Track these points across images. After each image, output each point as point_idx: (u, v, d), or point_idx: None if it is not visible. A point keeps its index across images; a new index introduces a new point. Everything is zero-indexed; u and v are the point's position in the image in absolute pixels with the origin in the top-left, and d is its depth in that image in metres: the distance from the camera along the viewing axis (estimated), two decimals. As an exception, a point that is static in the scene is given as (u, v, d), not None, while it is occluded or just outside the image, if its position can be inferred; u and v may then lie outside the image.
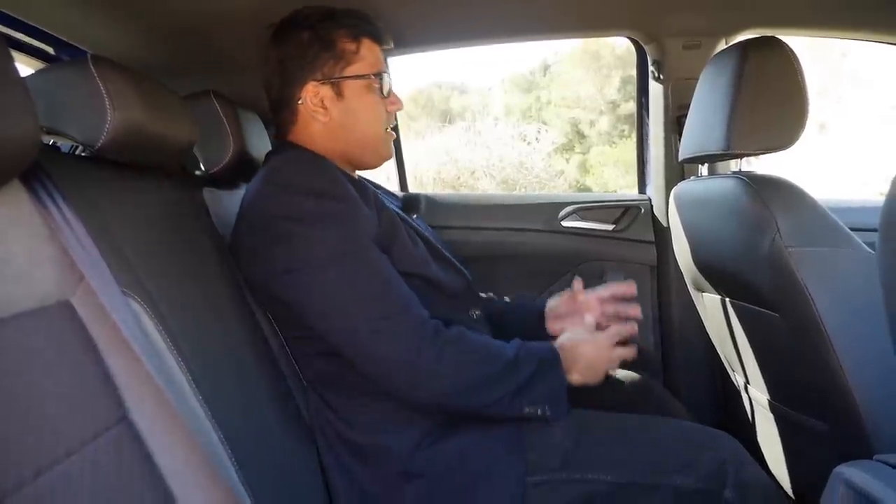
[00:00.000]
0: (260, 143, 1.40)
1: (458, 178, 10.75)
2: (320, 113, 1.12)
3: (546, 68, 16.64)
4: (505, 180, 10.90)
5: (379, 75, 1.13)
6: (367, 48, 1.13)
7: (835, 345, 1.07)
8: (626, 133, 14.18)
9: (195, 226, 1.07)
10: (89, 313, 0.72)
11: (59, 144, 1.09)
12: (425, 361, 0.99)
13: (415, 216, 1.30)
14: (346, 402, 1.08)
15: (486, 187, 10.58)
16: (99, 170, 0.89)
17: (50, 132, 0.86)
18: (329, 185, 1.04)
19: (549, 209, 1.84)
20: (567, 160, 14.07)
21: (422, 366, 0.99)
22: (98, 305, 0.72)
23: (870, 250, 1.11)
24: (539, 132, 12.17)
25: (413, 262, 1.10)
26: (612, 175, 13.12)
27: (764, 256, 1.12)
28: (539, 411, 1.03)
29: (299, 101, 1.12)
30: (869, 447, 1.06)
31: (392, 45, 1.22)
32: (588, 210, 1.83)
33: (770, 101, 1.16)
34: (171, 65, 1.38)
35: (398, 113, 1.26)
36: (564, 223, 1.83)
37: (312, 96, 1.11)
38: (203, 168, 1.28)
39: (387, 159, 1.22)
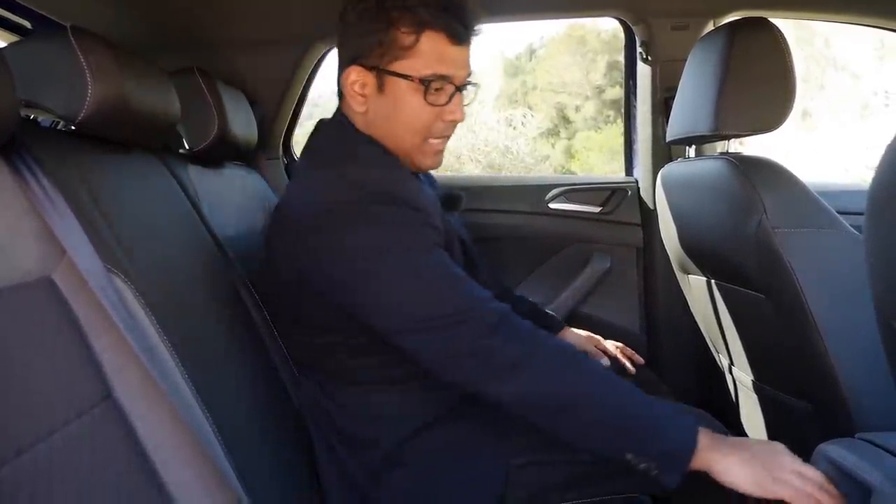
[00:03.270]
0: (245, 122, 1.38)
1: (444, 161, 10.72)
2: (358, 101, 1.01)
3: (532, 53, 16.59)
4: (490, 165, 10.89)
5: (428, 80, 0.97)
6: (430, 43, 0.96)
7: (819, 325, 1.08)
8: (611, 118, 14.21)
9: (179, 205, 1.06)
10: (72, 290, 0.71)
11: (39, 120, 1.07)
12: (503, 356, 0.90)
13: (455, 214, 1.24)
14: (344, 389, 1.05)
15: (472, 172, 10.57)
16: (80, 145, 0.87)
17: (28, 105, 0.84)
18: (397, 190, 0.97)
19: (537, 191, 1.84)
20: (552, 145, 14.08)
21: (498, 360, 0.90)
22: (81, 282, 0.71)
23: (855, 232, 1.12)
24: (525, 117, 12.16)
25: None
26: (597, 160, 13.15)
27: (750, 237, 1.13)
28: (644, 465, 0.87)
29: (343, 79, 1.02)
30: (851, 426, 1.07)
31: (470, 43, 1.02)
32: (575, 192, 1.83)
33: (758, 82, 1.16)
34: (154, 41, 1.36)
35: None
36: (552, 205, 1.83)
37: (353, 80, 1.00)
38: (186, 146, 1.26)
39: (426, 170, 1.09)
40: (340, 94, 1.06)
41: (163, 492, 0.70)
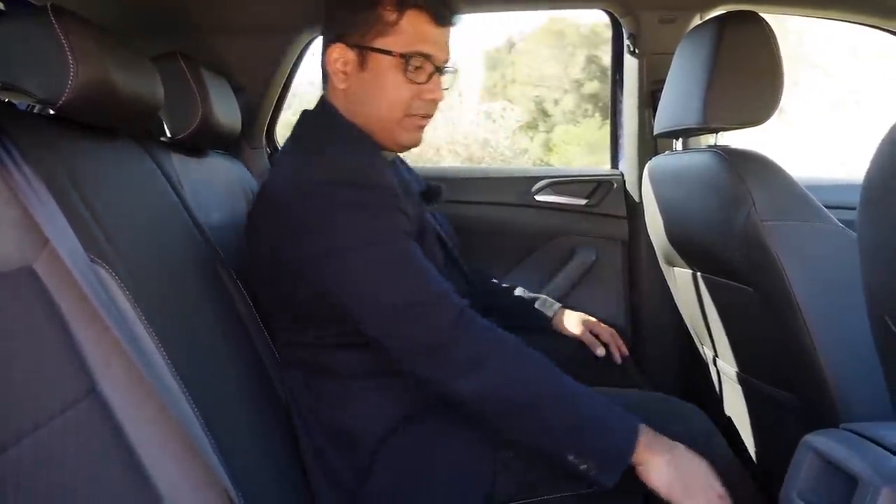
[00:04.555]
0: (229, 110, 1.34)
1: (422, 154, 10.67)
2: (340, 77, 1.05)
3: (511, 46, 16.56)
4: (470, 157, 10.86)
5: (408, 57, 1.01)
6: (413, 22, 1.01)
7: (806, 317, 1.09)
8: (589, 112, 14.26)
9: (163, 194, 1.03)
10: (54, 280, 0.68)
11: (16, 103, 1.03)
12: (462, 352, 0.93)
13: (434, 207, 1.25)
14: (326, 384, 1.05)
15: (451, 164, 10.54)
16: (60, 130, 0.83)
17: (5, 88, 0.80)
18: (372, 177, 0.98)
19: (523, 183, 1.83)
20: (531, 138, 14.09)
21: (458, 355, 0.93)
22: (64, 272, 0.68)
23: (841, 225, 1.13)
24: (504, 110, 12.14)
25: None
26: (576, 154, 13.19)
27: (739, 230, 1.13)
28: (584, 466, 0.90)
29: (326, 57, 1.05)
30: (836, 417, 1.09)
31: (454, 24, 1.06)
32: (561, 184, 1.82)
33: (747, 75, 1.16)
34: (134, 23, 1.32)
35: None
36: (538, 197, 1.82)
37: (336, 58, 1.04)
38: (169, 133, 1.22)
39: (407, 148, 1.11)
40: (324, 78, 1.08)
41: (150, 488, 0.68)
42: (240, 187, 1.41)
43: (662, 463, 0.90)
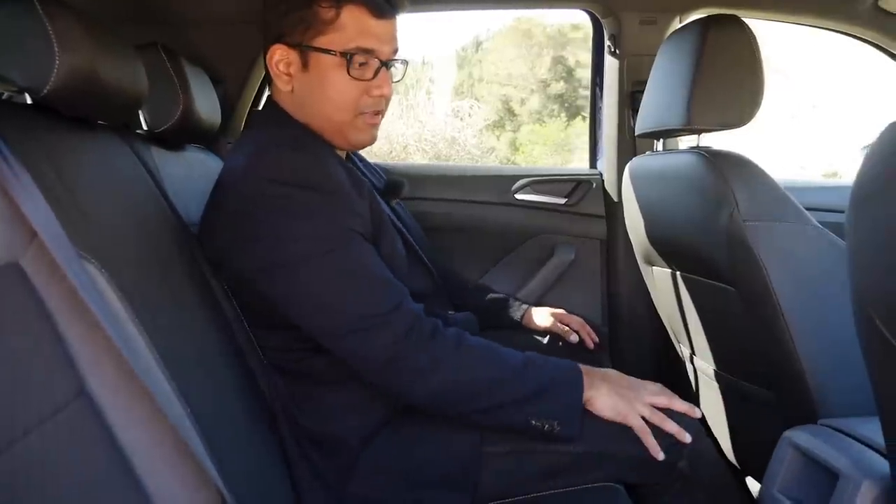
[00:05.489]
0: (208, 102, 1.31)
1: (391, 152, 10.61)
2: (283, 80, 1.03)
3: (478, 45, 16.60)
4: (437, 155, 10.86)
5: (350, 54, 0.98)
6: (351, 17, 0.98)
7: (786, 316, 1.11)
8: (555, 112, 14.39)
9: (146, 188, 1.00)
10: (42, 277, 0.65)
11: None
12: (417, 360, 0.94)
13: (396, 202, 1.25)
14: (302, 388, 1.05)
15: (419, 162, 10.52)
16: (44, 120, 0.80)
17: (-15, 75, 0.77)
18: (321, 177, 0.96)
19: (503, 182, 1.84)
20: (498, 137, 14.15)
21: (413, 364, 0.94)
22: (52, 268, 0.65)
23: (819, 226, 1.15)
24: (472, 108, 12.17)
25: (391, 264, 1.03)
26: (541, 154, 13.31)
27: (722, 230, 1.15)
28: (547, 426, 0.96)
29: (268, 60, 1.03)
30: (813, 413, 1.11)
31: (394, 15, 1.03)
32: (541, 183, 1.83)
33: (729, 78, 1.18)
34: (110, 12, 1.28)
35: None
36: (518, 196, 1.83)
37: (278, 59, 1.02)
38: (148, 127, 1.19)
39: (360, 146, 1.10)
40: (269, 79, 1.06)
41: (143, 490, 0.66)
42: (218, 183, 1.38)
43: (603, 394, 0.98)
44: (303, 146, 1.01)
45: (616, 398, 0.98)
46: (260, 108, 1.16)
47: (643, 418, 0.98)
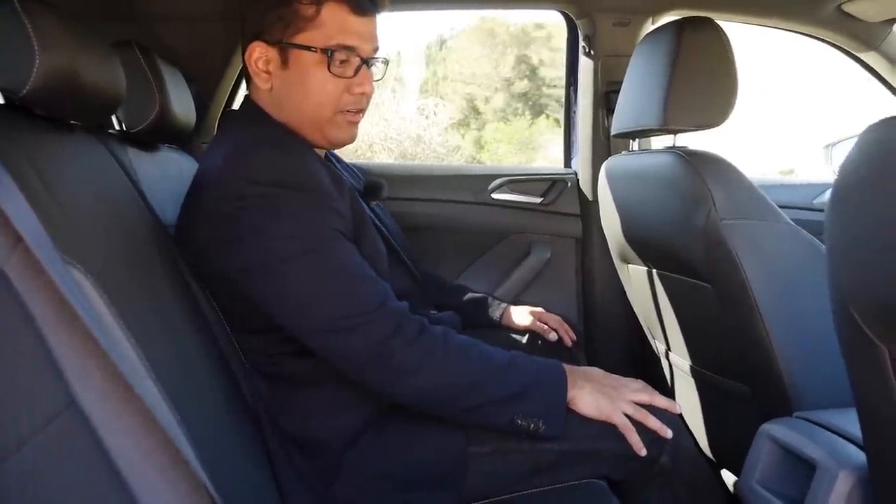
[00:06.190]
0: (183, 101, 1.28)
1: (356, 150, 10.54)
2: (263, 77, 1.01)
3: (442, 43, 16.61)
4: (403, 154, 10.83)
5: (331, 51, 0.98)
6: (332, 14, 0.98)
7: (762, 312, 1.14)
8: (519, 111, 14.49)
9: (124, 190, 0.97)
10: (26, 283, 0.63)
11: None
12: (401, 358, 0.94)
13: (375, 203, 1.25)
14: (283, 391, 1.04)
15: (384, 160, 10.48)
16: (21, 121, 0.77)
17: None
18: (302, 176, 0.95)
19: (479, 181, 1.84)
20: (463, 136, 14.19)
21: (397, 363, 0.94)
22: (36, 274, 0.63)
23: (792, 223, 1.19)
24: (437, 106, 12.18)
25: (373, 264, 1.03)
26: (506, 152, 13.39)
27: (699, 229, 1.17)
28: (532, 426, 0.96)
29: (247, 57, 1.02)
30: (788, 406, 1.14)
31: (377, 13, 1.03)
32: (517, 183, 1.84)
33: (704, 79, 1.21)
34: (79, 8, 1.24)
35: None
36: (494, 195, 1.84)
37: (257, 57, 1.00)
38: (123, 126, 1.16)
39: (340, 145, 1.09)
40: (247, 77, 1.05)
41: (134, 501, 0.64)
42: (193, 183, 1.35)
43: (587, 393, 0.99)
44: (282, 145, 1.00)
45: (599, 396, 0.99)
46: (236, 107, 1.14)
47: (626, 415, 0.99)
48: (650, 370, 1.70)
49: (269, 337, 1.00)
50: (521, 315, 1.42)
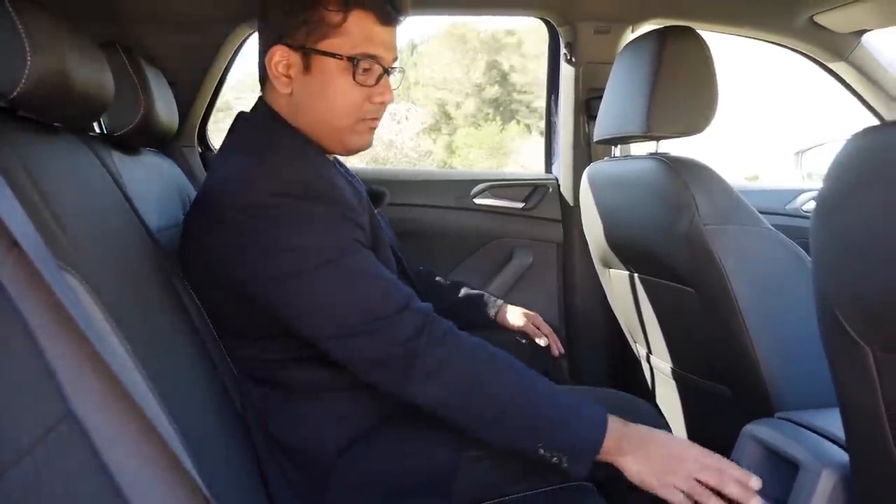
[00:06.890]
0: (167, 104, 1.27)
1: (328, 155, 10.53)
2: (283, 82, 0.99)
3: (413, 48, 16.64)
4: (375, 158, 10.82)
5: (356, 59, 0.96)
6: (358, 23, 0.96)
7: (744, 316, 1.16)
8: (490, 116, 14.59)
9: (112, 194, 0.95)
10: (21, 289, 0.61)
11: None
12: (426, 358, 0.91)
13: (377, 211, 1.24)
14: (274, 399, 1.02)
15: (356, 165, 10.45)
16: (10, 123, 0.76)
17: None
18: (325, 187, 0.94)
19: (462, 186, 1.85)
20: (434, 140, 14.23)
21: (425, 363, 0.91)
22: (32, 280, 0.62)
23: (772, 228, 1.22)
24: (408, 111, 12.19)
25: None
26: (478, 157, 13.46)
27: (682, 234, 1.19)
28: (555, 459, 0.91)
29: (267, 60, 0.99)
30: (769, 407, 1.17)
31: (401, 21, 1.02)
32: (500, 188, 1.85)
33: (686, 86, 1.23)
34: (59, 9, 1.21)
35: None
36: (476, 200, 1.85)
37: (278, 60, 0.98)
38: (107, 129, 1.14)
39: (356, 151, 1.07)
40: (263, 80, 1.03)
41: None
42: (175, 187, 1.33)
43: (639, 458, 0.91)
44: (302, 155, 0.99)
45: (647, 467, 0.90)
46: (220, 111, 1.12)
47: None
48: (630, 373, 1.72)
49: (264, 344, 0.99)
50: (516, 315, 1.41)
